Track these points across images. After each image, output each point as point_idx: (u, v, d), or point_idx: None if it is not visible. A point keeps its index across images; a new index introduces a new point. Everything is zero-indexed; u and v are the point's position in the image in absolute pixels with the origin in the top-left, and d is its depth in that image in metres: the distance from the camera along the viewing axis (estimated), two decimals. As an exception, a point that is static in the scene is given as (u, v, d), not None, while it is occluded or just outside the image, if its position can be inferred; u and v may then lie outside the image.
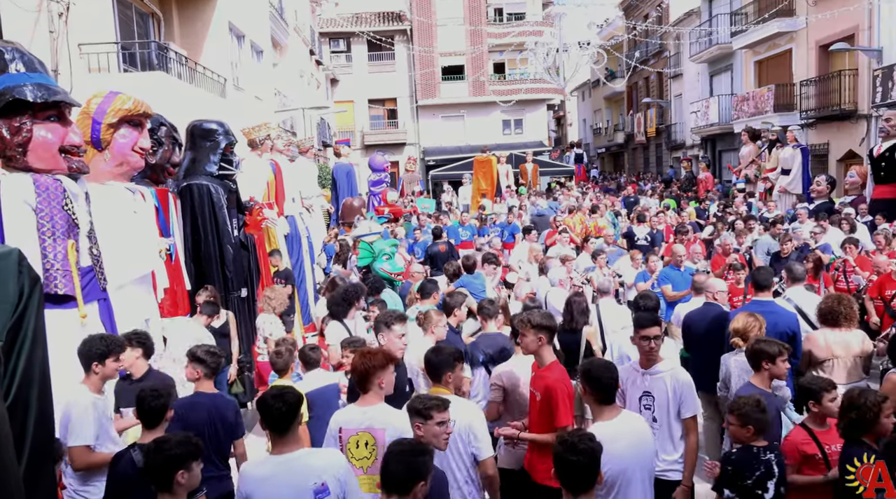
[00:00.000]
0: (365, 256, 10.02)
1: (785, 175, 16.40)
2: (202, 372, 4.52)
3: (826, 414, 3.99)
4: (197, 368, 4.52)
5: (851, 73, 18.26)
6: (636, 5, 34.22)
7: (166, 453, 3.19)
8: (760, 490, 3.61)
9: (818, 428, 3.99)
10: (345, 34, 34.79)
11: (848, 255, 8.46)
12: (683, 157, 28.54)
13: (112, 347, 4.31)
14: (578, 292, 6.68)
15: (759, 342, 4.43)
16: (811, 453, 3.89)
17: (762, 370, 4.33)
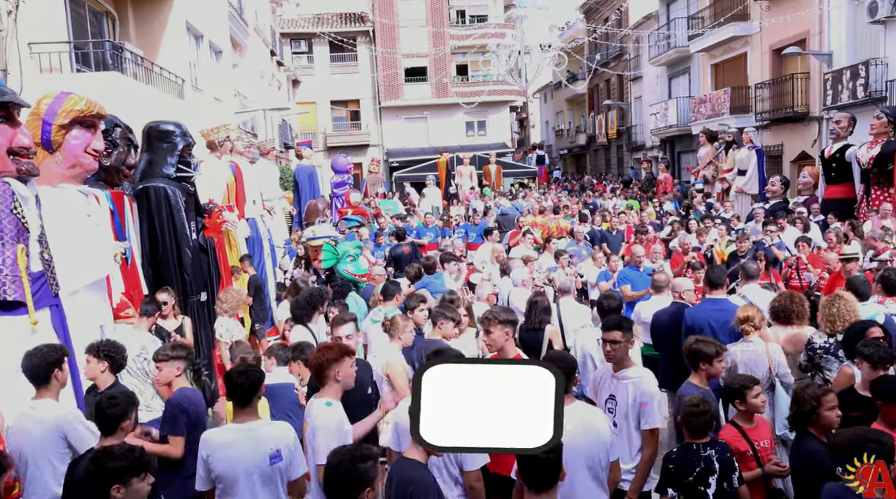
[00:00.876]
0: (329, 257, 9.93)
1: (741, 176, 16.77)
2: (182, 367, 4.54)
3: (752, 410, 4.10)
4: (176, 364, 4.51)
5: (803, 76, 18.79)
6: (596, 9, 34.69)
7: (101, 465, 3.11)
8: (703, 486, 3.67)
9: (746, 425, 4.10)
10: (306, 35, 34.51)
11: (801, 253, 8.69)
12: (644, 158, 29.01)
13: (62, 351, 4.23)
14: (540, 292, 6.74)
15: (697, 342, 4.51)
16: (743, 450, 4.00)
17: (700, 370, 4.41)
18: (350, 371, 3.95)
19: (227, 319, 7.19)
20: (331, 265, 9.17)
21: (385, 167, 32.36)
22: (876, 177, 12.36)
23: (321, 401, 3.91)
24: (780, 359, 5.05)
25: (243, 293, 7.91)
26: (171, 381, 4.53)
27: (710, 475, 3.67)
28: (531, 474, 2.94)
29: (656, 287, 6.78)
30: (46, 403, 4.10)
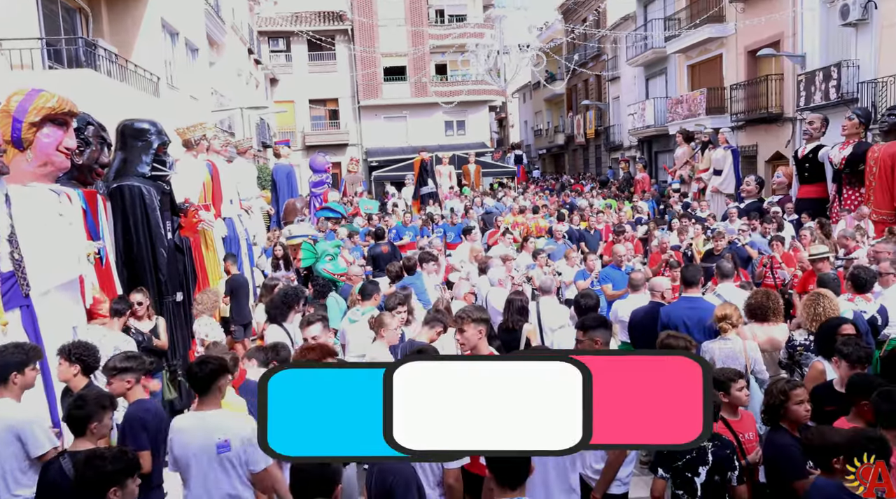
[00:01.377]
0: (308, 256, 9.89)
1: (717, 175, 16.99)
2: (134, 378, 4.36)
3: (736, 403, 4.17)
4: (126, 378, 4.34)
5: (777, 77, 19.05)
6: (574, 9, 34.88)
7: (99, 469, 3.04)
8: (690, 473, 3.73)
9: (731, 417, 4.17)
10: (284, 33, 34.28)
11: (775, 251, 8.81)
12: (621, 158, 29.22)
13: (31, 355, 4.14)
14: (518, 291, 6.76)
15: (668, 337, 4.59)
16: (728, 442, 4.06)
17: None
18: None
19: (208, 319, 7.11)
20: (309, 264, 9.13)
21: (364, 167, 32.26)
22: (848, 177, 12.57)
23: None
24: (756, 356, 5.12)
25: (220, 294, 7.84)
26: (124, 394, 4.36)
27: (702, 465, 3.72)
28: (501, 470, 2.84)
29: (633, 286, 6.84)
30: (4, 402, 4.02)
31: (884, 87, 14.51)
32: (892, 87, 14.29)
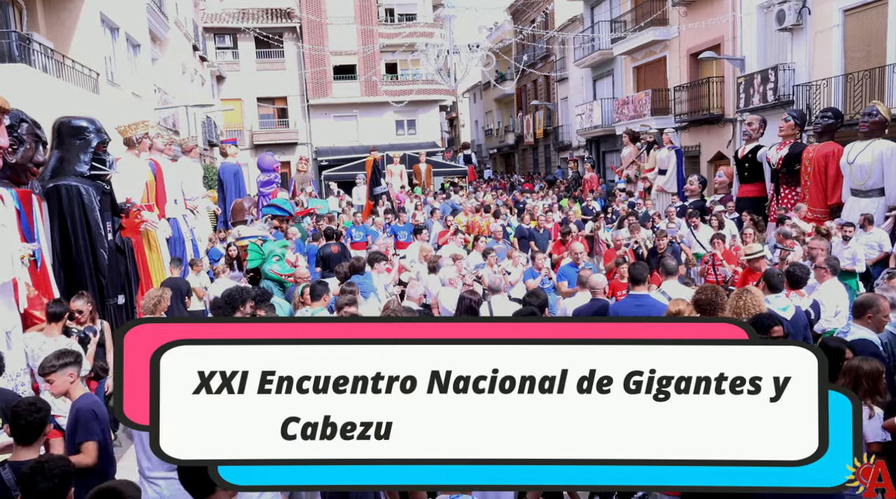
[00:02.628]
0: (254, 257, 9.71)
1: (662, 175, 17.39)
2: (75, 371, 4.29)
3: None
4: (68, 371, 4.25)
5: (718, 80, 19.63)
6: (523, 10, 35.23)
7: (53, 479, 2.93)
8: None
9: None
10: (231, 30, 33.61)
11: (716, 249, 9.07)
12: (570, 157, 29.65)
13: None
14: (471, 290, 6.78)
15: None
16: None
17: None
18: None
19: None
20: (256, 265, 8.97)
21: (314, 166, 31.90)
22: (785, 177, 13.04)
23: None
24: None
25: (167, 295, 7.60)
26: (67, 390, 4.28)
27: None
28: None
29: (581, 283, 6.94)
30: None
31: (817, 90, 15.11)
32: (825, 90, 14.88)
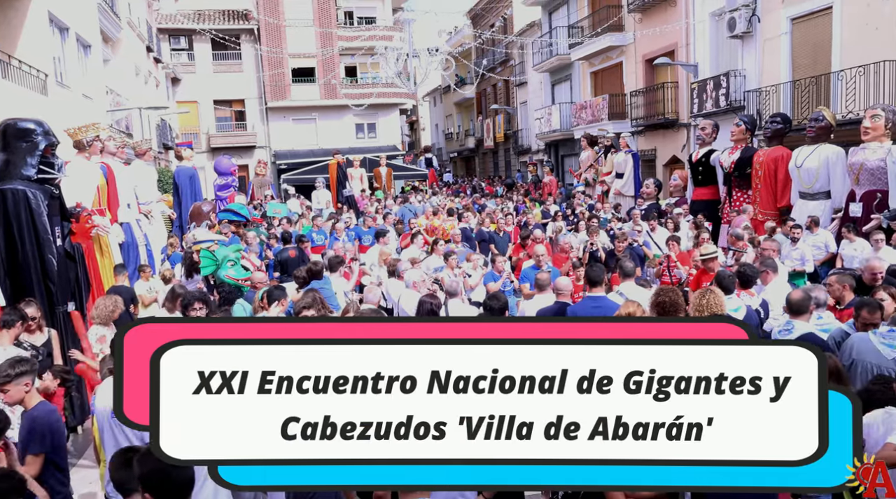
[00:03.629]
0: (207, 264, 9.52)
1: (619, 178, 17.67)
2: (30, 380, 4.20)
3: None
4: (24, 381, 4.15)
5: (673, 85, 20.07)
6: (482, 15, 35.45)
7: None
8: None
9: None
10: (186, 31, 33.02)
11: (671, 251, 9.25)
12: (529, 161, 29.92)
13: None
14: (432, 294, 6.77)
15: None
16: None
17: None
18: None
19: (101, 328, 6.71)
20: (210, 272, 8.79)
21: (273, 169, 31.53)
22: (737, 180, 13.37)
23: None
24: None
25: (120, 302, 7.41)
26: (23, 399, 4.18)
27: None
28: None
29: (539, 286, 7.00)
30: None
31: (767, 96, 15.56)
32: (774, 96, 15.34)
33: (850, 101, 13.07)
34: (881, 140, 10.25)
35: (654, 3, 20.13)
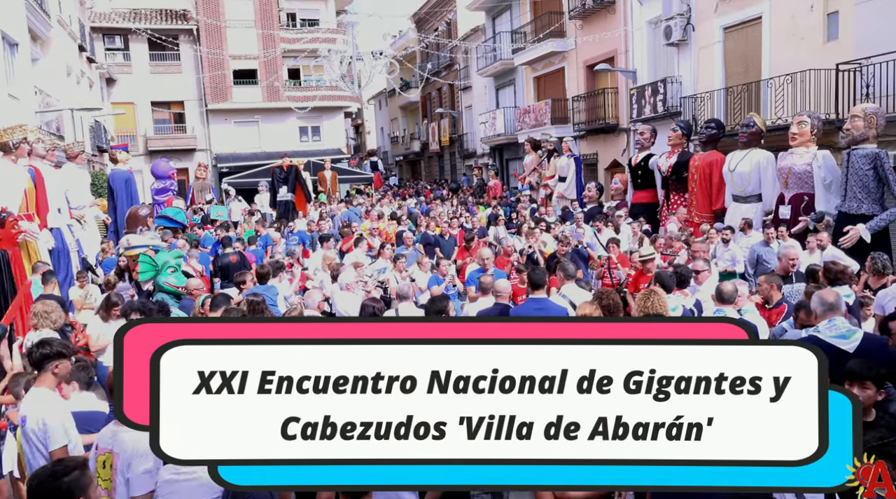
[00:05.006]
0: (147, 269, 9.23)
1: (562, 182, 17.97)
2: None
3: None
4: None
5: (613, 91, 20.52)
6: (427, 19, 35.53)
7: None
8: None
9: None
10: (121, 30, 31.96)
11: (611, 253, 9.45)
12: (475, 165, 30.10)
13: None
14: (373, 297, 6.74)
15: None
16: None
17: None
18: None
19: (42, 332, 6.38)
20: (149, 277, 8.54)
21: (214, 173, 30.84)
22: (674, 183, 13.77)
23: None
24: None
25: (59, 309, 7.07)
26: None
27: None
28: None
29: (483, 289, 7.05)
30: None
31: (702, 102, 16.07)
32: (708, 102, 15.85)
33: (778, 107, 13.61)
34: (808, 145, 10.71)
35: (593, 10, 20.55)
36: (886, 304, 6.05)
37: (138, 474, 3.47)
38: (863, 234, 8.97)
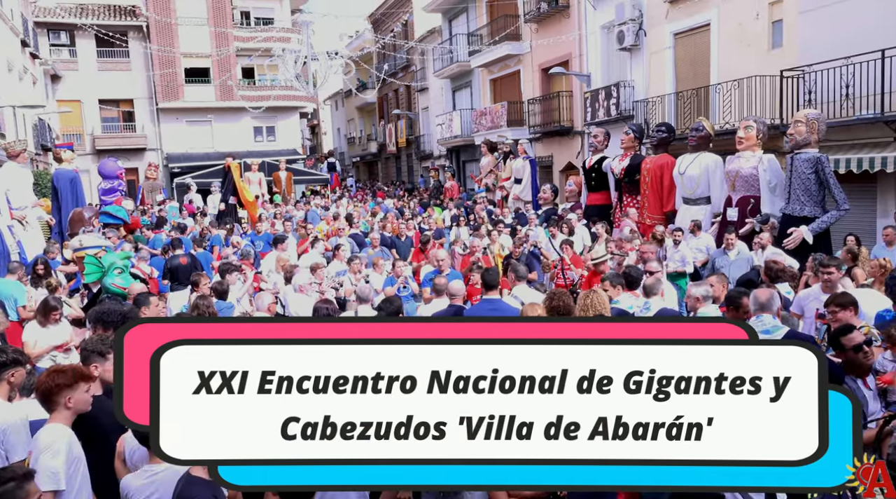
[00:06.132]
0: (92, 271, 8.96)
1: (517, 184, 18.12)
2: None
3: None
4: None
5: (568, 94, 20.78)
6: (383, 20, 35.41)
7: None
8: None
9: None
10: (67, 26, 30.98)
11: (564, 254, 9.55)
12: (431, 166, 30.13)
13: None
14: (326, 299, 6.67)
15: None
16: None
17: None
18: (84, 397, 3.65)
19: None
20: (94, 279, 8.29)
21: (165, 173, 30.17)
22: (627, 186, 14.01)
23: (48, 429, 3.56)
24: None
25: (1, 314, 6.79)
26: None
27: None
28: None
29: (437, 290, 7.05)
30: None
31: (653, 106, 16.40)
32: (660, 107, 16.19)
33: (726, 112, 13.98)
34: (754, 149, 11.03)
35: (548, 14, 20.78)
36: (807, 305, 6.20)
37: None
38: (805, 235, 9.29)
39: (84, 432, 3.80)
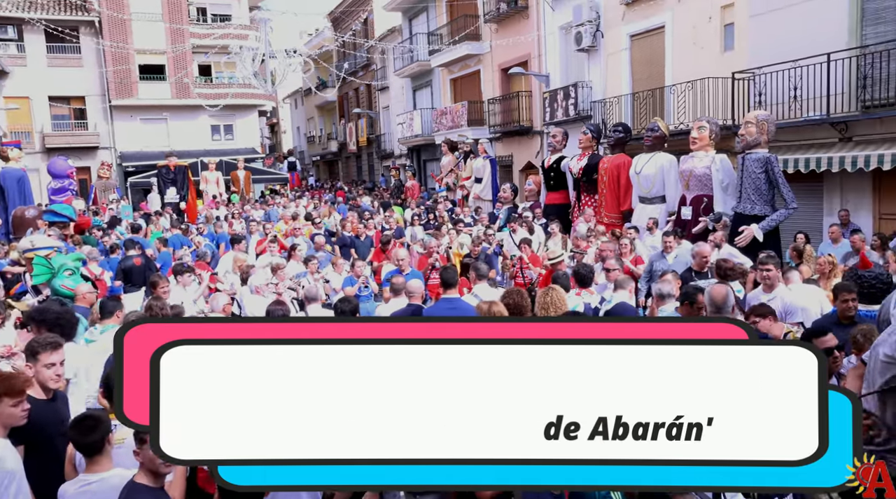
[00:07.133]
0: (41, 272, 8.69)
1: (478, 183, 18.20)
2: None
3: None
4: None
5: (527, 94, 20.94)
6: (343, 18, 35.17)
7: None
8: None
9: None
10: (14, 20, 29.96)
11: (523, 253, 9.63)
12: (392, 166, 30.05)
13: None
14: (279, 301, 6.60)
15: None
16: None
17: None
18: (13, 411, 3.47)
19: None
20: (43, 280, 8.05)
21: (119, 172, 29.45)
22: (585, 185, 14.19)
23: None
24: None
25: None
26: None
27: None
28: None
29: (395, 290, 7.04)
30: None
31: (610, 107, 16.64)
32: (617, 107, 16.43)
33: (681, 113, 14.26)
34: (707, 149, 11.27)
35: (508, 14, 20.90)
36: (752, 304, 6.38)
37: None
38: (756, 233, 9.53)
39: (27, 440, 3.69)
